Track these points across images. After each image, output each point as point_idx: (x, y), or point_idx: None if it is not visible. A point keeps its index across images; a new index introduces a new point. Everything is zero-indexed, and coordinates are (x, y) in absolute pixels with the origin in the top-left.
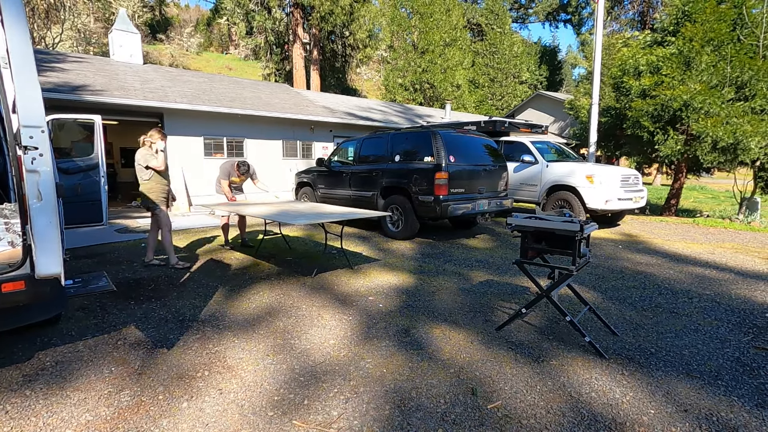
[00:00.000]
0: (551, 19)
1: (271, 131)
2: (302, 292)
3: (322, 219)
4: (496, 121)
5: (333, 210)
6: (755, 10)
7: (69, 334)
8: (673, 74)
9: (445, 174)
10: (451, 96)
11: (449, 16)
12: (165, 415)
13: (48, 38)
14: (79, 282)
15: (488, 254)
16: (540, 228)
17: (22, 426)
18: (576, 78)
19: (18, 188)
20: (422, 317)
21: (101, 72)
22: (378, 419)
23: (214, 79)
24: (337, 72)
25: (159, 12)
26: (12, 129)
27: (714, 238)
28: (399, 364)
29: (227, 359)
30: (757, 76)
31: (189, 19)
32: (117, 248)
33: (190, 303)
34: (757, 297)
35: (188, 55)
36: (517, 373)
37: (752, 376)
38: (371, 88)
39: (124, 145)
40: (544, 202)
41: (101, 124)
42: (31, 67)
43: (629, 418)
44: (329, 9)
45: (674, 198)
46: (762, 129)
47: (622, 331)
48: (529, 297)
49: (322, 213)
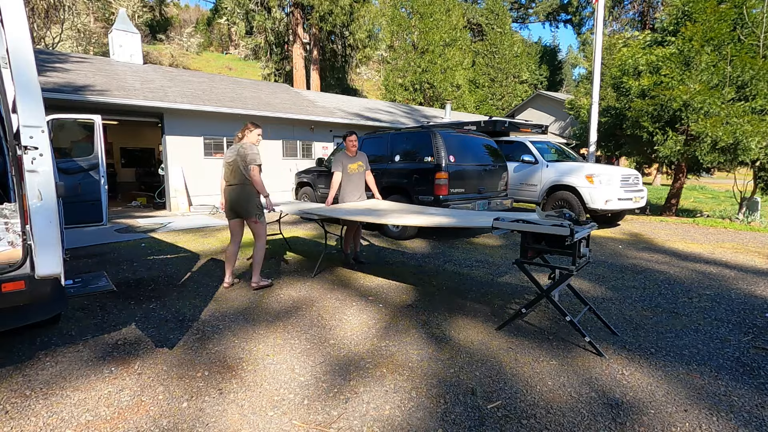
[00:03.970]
0: (551, 19)
1: (271, 131)
2: (302, 292)
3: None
4: (496, 121)
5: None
6: (755, 9)
7: (69, 334)
8: (672, 74)
9: (445, 174)
10: (451, 96)
11: (449, 16)
12: (165, 415)
13: (48, 38)
14: (79, 282)
15: (488, 254)
16: (527, 231)
17: (22, 426)
18: (576, 78)
19: (18, 188)
20: (422, 317)
21: (101, 72)
22: (378, 419)
23: (214, 79)
24: (337, 72)
25: (159, 12)
26: (12, 129)
27: (714, 238)
28: (399, 364)
29: (227, 359)
30: (758, 76)
31: (189, 19)
32: (117, 248)
33: (190, 303)
34: (758, 297)
35: (188, 55)
36: (516, 373)
37: (752, 376)
38: (371, 88)
39: (124, 145)
40: (544, 202)
41: (101, 124)
42: (31, 67)
43: (629, 417)
44: (329, 9)
45: (674, 198)
46: (762, 129)
47: (622, 331)
48: (528, 297)
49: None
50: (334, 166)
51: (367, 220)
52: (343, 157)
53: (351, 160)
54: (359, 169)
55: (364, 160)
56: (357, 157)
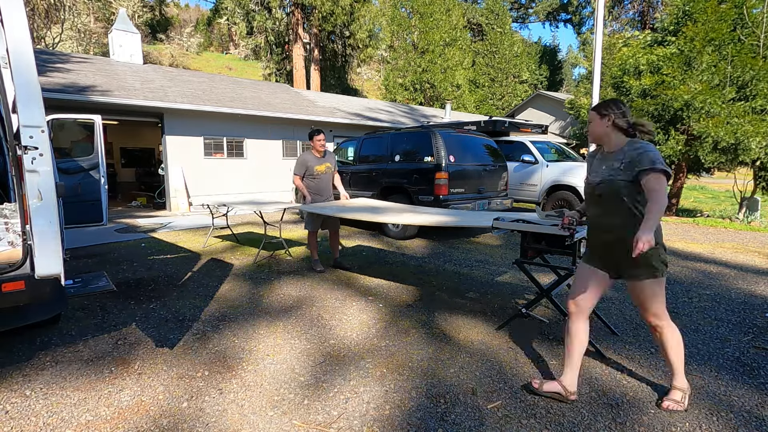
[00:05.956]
0: (551, 18)
1: (271, 131)
2: (302, 292)
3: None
4: (496, 121)
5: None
6: (756, 10)
7: (69, 334)
8: (673, 74)
9: (445, 174)
10: (451, 96)
11: (449, 16)
12: (165, 415)
13: (48, 38)
14: (79, 282)
15: (488, 254)
16: (527, 231)
17: (22, 426)
18: (576, 78)
19: (18, 188)
20: (422, 317)
21: (101, 72)
22: (378, 419)
23: (214, 79)
24: (338, 72)
25: (159, 12)
26: (12, 129)
27: (714, 237)
28: (399, 364)
29: (227, 359)
30: (758, 76)
31: (189, 19)
32: (117, 248)
33: (190, 303)
34: (758, 297)
35: (188, 55)
36: (516, 373)
37: (752, 376)
38: (371, 88)
39: (124, 145)
40: (544, 202)
41: (101, 124)
42: (31, 67)
43: (629, 417)
44: (330, 9)
45: (674, 198)
46: (763, 129)
47: (622, 331)
48: (528, 297)
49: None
50: (297, 168)
51: (366, 218)
52: (309, 157)
53: (318, 162)
54: (327, 171)
55: (332, 162)
56: (325, 158)
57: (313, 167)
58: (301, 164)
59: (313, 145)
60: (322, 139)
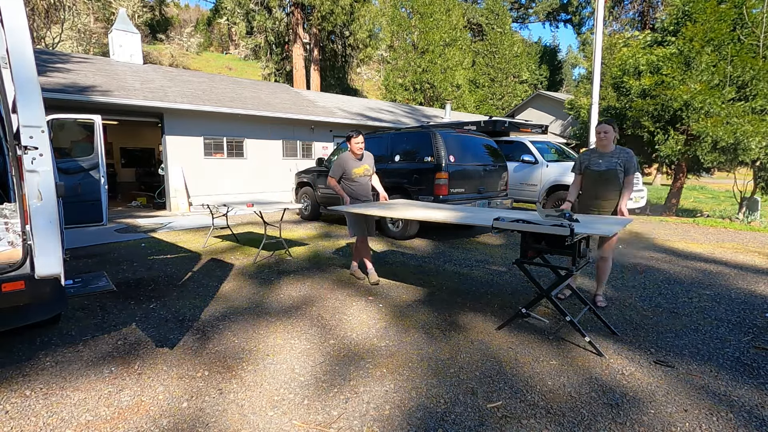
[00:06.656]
0: (551, 18)
1: (271, 131)
2: (302, 292)
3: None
4: (496, 121)
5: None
6: (755, 10)
7: (69, 334)
8: (673, 74)
9: (446, 174)
10: (451, 96)
11: (449, 16)
12: (165, 415)
13: (48, 38)
14: (79, 282)
15: (488, 254)
16: (527, 231)
17: (22, 426)
18: (576, 78)
19: (18, 188)
20: (421, 317)
21: (101, 72)
22: (378, 419)
23: (214, 79)
24: (338, 72)
25: (159, 12)
26: (12, 129)
27: (714, 237)
28: (399, 364)
29: (227, 359)
30: (758, 75)
31: (189, 19)
32: (117, 248)
33: (190, 303)
34: (758, 296)
35: (188, 55)
36: (516, 373)
37: (752, 376)
38: (371, 88)
39: (124, 145)
40: (544, 202)
41: (101, 124)
42: (31, 67)
43: (629, 417)
44: (329, 9)
45: (674, 198)
46: (762, 129)
47: (622, 331)
48: (528, 297)
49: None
50: (333, 171)
51: (377, 213)
52: (347, 159)
53: (356, 164)
54: (365, 174)
55: (371, 164)
56: (363, 161)
57: (351, 170)
58: (338, 166)
59: (351, 147)
60: (360, 141)
